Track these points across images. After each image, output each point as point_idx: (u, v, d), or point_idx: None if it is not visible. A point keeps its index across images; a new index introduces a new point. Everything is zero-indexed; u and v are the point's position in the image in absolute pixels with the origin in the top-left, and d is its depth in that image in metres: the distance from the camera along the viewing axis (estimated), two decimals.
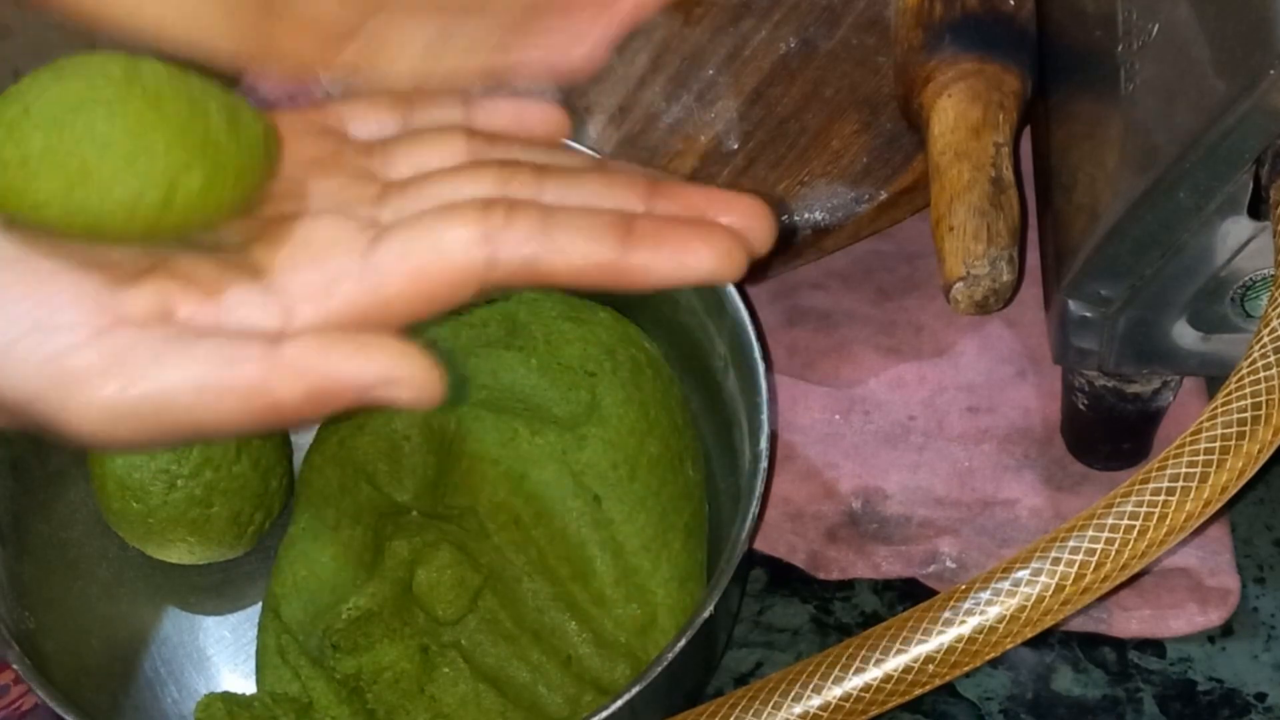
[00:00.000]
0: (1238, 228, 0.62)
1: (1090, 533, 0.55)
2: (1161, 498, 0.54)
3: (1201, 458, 0.54)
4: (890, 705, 0.55)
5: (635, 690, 0.61)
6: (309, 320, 0.51)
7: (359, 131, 0.57)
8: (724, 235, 0.52)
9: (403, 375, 0.49)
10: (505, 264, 0.51)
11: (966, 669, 0.55)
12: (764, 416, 0.66)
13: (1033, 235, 0.75)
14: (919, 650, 0.55)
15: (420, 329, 0.62)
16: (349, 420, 0.73)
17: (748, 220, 0.53)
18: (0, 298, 0.49)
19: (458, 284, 0.52)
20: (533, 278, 0.52)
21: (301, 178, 0.55)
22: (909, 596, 0.72)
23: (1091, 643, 0.71)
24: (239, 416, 0.49)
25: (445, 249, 0.51)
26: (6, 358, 0.49)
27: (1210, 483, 0.54)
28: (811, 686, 0.55)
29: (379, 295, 0.51)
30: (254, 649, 0.71)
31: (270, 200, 0.53)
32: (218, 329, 0.50)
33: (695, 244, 0.52)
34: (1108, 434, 0.73)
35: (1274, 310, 0.56)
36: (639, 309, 0.74)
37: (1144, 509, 0.54)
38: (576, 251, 0.52)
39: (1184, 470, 0.54)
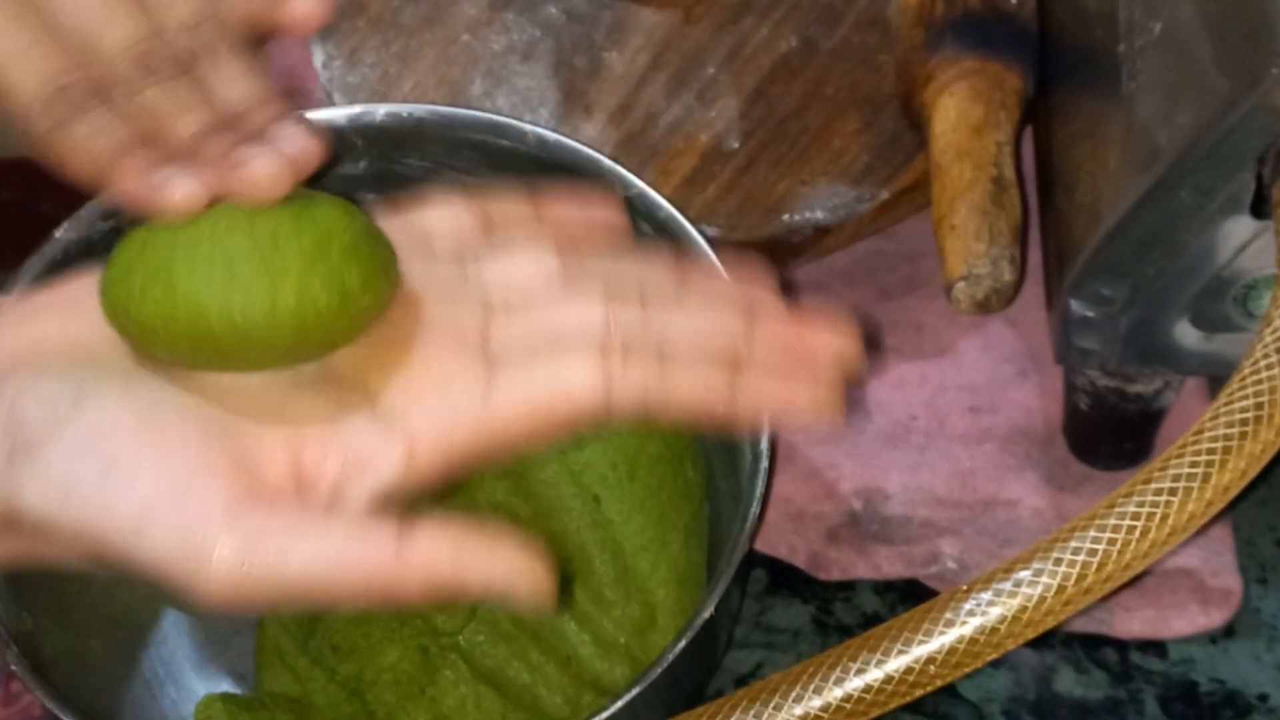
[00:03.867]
0: (1240, 227, 0.61)
1: (1092, 533, 0.54)
2: (1164, 498, 0.54)
3: (1204, 457, 0.54)
4: (891, 706, 0.55)
5: (636, 691, 0.61)
6: (429, 453, 0.53)
7: (438, 231, 0.58)
8: (823, 379, 0.55)
9: (520, 578, 0.52)
10: (620, 404, 0.53)
11: (968, 670, 0.55)
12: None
13: (1034, 234, 0.75)
14: (920, 651, 0.55)
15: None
16: None
17: (840, 343, 0.56)
18: (138, 460, 0.51)
19: (573, 422, 0.54)
20: (644, 413, 0.55)
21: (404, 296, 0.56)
22: (910, 597, 0.72)
23: (1093, 643, 0.71)
24: (360, 598, 0.52)
25: (565, 391, 0.53)
26: (143, 528, 0.50)
27: (1212, 483, 0.54)
28: (812, 687, 0.55)
29: (497, 431, 0.54)
30: (253, 650, 0.71)
31: (379, 320, 0.55)
32: (348, 485, 0.52)
33: (798, 390, 0.54)
34: (1110, 434, 0.72)
35: (1276, 310, 0.56)
36: None
37: (1146, 509, 0.54)
38: (688, 393, 0.54)
39: (1186, 470, 0.54)
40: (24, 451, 0.51)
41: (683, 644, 0.62)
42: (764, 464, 0.65)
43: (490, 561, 0.51)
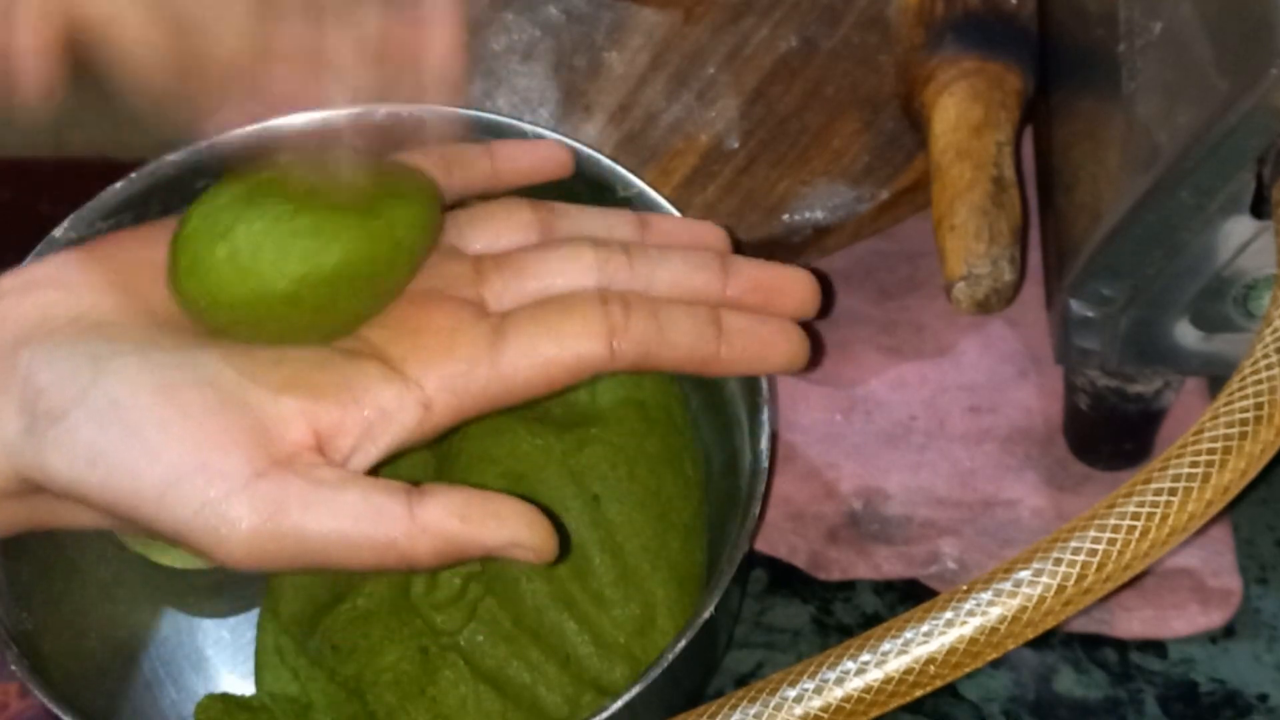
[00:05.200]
0: (1240, 227, 0.61)
1: (1092, 533, 0.54)
2: (1164, 498, 0.54)
3: (1204, 457, 0.54)
4: (891, 706, 0.55)
5: (635, 691, 0.61)
6: (444, 410, 0.55)
7: None
8: (795, 333, 0.60)
9: (527, 540, 0.55)
10: (621, 356, 0.56)
11: (968, 670, 0.55)
12: (764, 416, 0.66)
13: (1034, 235, 0.75)
14: (920, 651, 0.55)
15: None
16: None
17: (806, 295, 0.61)
18: (162, 430, 0.53)
19: (580, 374, 0.57)
20: (640, 366, 0.58)
21: None
22: (910, 597, 0.72)
23: (1093, 643, 0.71)
24: (372, 562, 0.54)
25: (572, 345, 0.56)
26: (167, 497, 0.52)
27: (1212, 483, 0.54)
28: (812, 687, 0.55)
29: (507, 386, 0.56)
30: (253, 650, 0.71)
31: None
32: (366, 441, 0.54)
33: (775, 342, 0.60)
34: (1110, 434, 0.72)
35: (1276, 310, 0.56)
36: None
37: (1146, 509, 0.54)
38: (683, 346, 0.57)
39: (1186, 470, 0.54)
40: (46, 420, 0.53)
41: (683, 644, 0.62)
42: (764, 464, 0.65)
43: (497, 522, 0.53)
